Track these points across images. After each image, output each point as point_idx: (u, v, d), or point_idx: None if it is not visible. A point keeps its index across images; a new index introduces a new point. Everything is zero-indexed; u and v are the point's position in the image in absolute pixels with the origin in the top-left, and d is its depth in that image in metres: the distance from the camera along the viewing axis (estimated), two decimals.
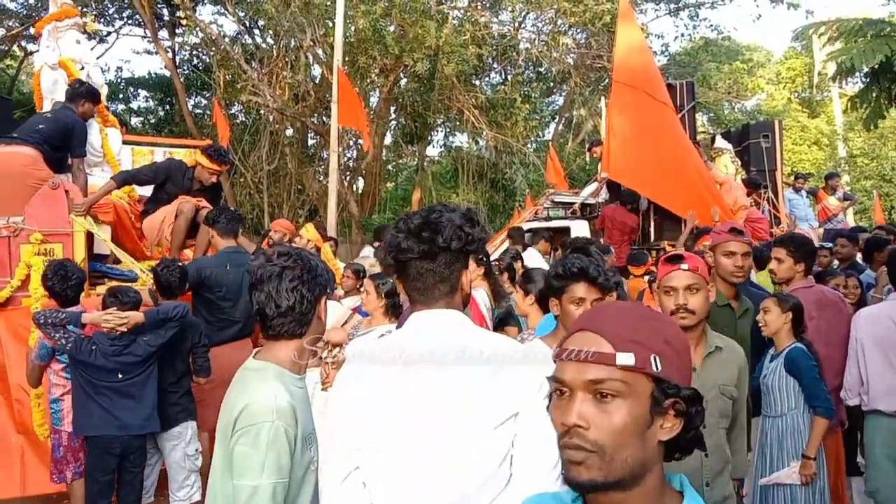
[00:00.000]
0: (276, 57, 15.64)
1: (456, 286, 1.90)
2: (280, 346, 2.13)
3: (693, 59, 23.13)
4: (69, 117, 5.80)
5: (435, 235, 1.82)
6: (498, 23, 16.75)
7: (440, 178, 22.46)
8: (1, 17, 19.27)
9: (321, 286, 2.14)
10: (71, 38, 6.52)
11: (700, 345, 2.79)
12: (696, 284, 2.74)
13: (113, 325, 4.15)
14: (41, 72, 6.38)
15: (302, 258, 2.12)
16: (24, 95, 22.88)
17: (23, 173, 5.49)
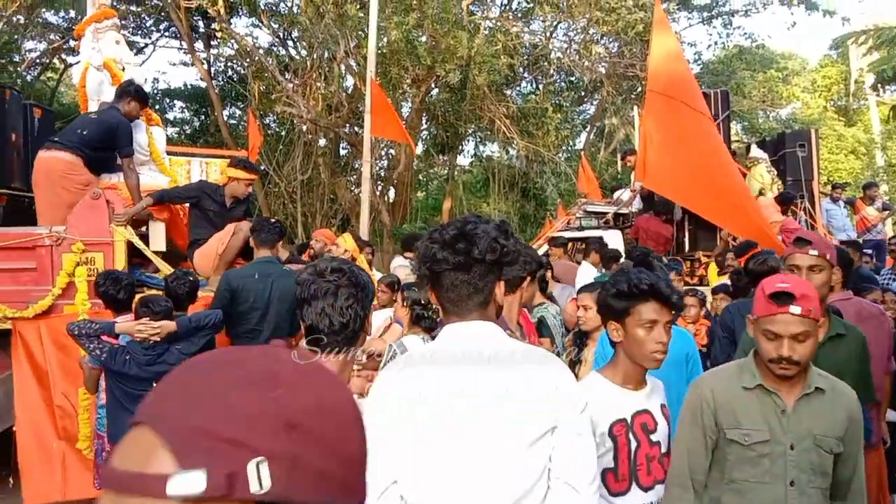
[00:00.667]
0: (310, 68, 15.80)
1: (489, 298, 1.89)
2: (325, 360, 2.12)
3: (727, 67, 22.92)
4: (113, 117, 5.84)
5: (470, 247, 1.82)
6: (529, 32, 16.75)
7: (471, 188, 22.47)
8: (43, 30, 19.68)
9: (371, 302, 2.16)
10: (111, 38, 6.58)
11: (796, 384, 2.35)
12: (807, 332, 2.24)
13: (146, 334, 4.17)
14: (86, 73, 6.40)
15: (354, 274, 2.12)
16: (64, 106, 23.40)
17: (61, 178, 5.58)
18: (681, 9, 20.22)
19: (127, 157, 5.81)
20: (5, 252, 5.56)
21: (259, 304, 4.97)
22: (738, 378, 2.40)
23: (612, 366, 2.48)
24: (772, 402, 2.34)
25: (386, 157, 18.59)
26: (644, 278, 2.35)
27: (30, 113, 7.01)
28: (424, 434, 1.78)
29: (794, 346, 2.25)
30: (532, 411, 1.74)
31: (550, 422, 1.74)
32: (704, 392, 2.41)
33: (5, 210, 6.51)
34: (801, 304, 2.22)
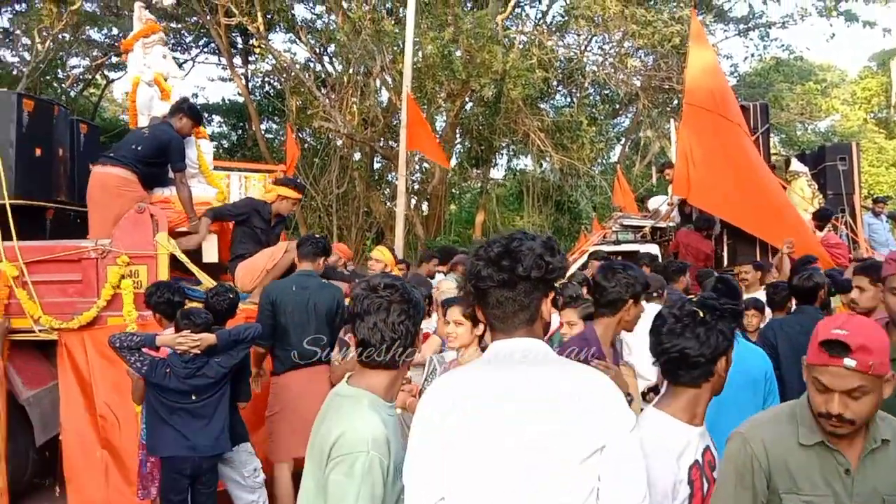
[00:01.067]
0: (346, 83, 15.97)
1: (535, 315, 1.88)
2: (375, 374, 2.13)
3: (764, 79, 22.67)
4: (165, 133, 5.96)
5: (515, 264, 1.81)
6: (564, 46, 16.75)
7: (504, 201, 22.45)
8: (87, 47, 20.17)
9: (421, 318, 2.17)
10: (158, 53, 6.71)
11: (858, 437, 2.04)
12: (864, 387, 1.92)
13: (186, 347, 4.21)
14: (137, 88, 6.54)
15: (406, 290, 2.13)
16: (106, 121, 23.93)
17: (116, 193, 5.72)
18: (717, 21, 20.06)
19: (179, 172, 5.94)
20: (52, 264, 5.71)
21: (296, 317, 5.00)
22: (792, 432, 2.08)
23: (674, 400, 2.24)
24: (833, 460, 2.03)
25: (420, 170, 18.67)
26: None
27: (76, 129, 7.16)
28: (472, 452, 1.78)
29: (846, 402, 1.94)
30: (580, 430, 1.72)
31: (599, 441, 1.72)
32: (755, 448, 2.07)
33: (52, 223, 6.65)
34: (857, 356, 1.90)
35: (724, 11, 20.45)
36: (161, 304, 4.70)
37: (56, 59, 19.01)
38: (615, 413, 1.76)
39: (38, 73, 17.48)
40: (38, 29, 16.58)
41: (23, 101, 6.18)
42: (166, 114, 6.29)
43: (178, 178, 5.94)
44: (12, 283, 5.60)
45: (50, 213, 6.62)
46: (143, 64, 6.58)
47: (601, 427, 1.73)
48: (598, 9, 14.11)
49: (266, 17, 15.55)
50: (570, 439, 1.71)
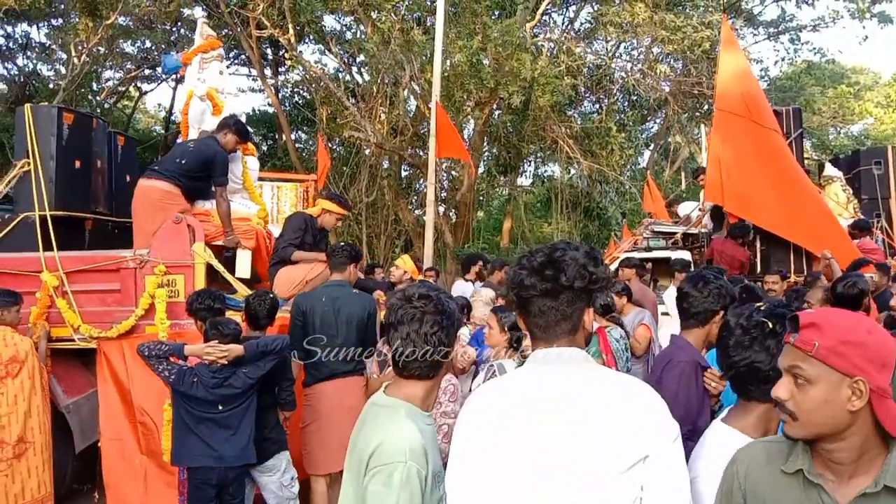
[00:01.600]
0: (375, 93, 16.09)
1: (578, 325, 1.88)
2: (411, 384, 2.13)
3: (795, 83, 22.44)
4: (210, 147, 6.04)
5: (558, 274, 1.81)
6: (592, 52, 16.72)
7: (531, 208, 22.43)
8: (121, 60, 20.55)
9: (456, 329, 2.15)
10: (215, 69, 6.80)
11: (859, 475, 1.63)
12: (801, 370, 1.62)
13: (214, 357, 4.22)
14: (190, 102, 6.65)
15: (441, 302, 2.13)
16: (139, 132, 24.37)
17: (160, 206, 5.81)
18: (746, 26, 19.90)
19: (220, 186, 5.98)
20: (91, 274, 5.81)
21: (326, 328, 4.96)
22: (779, 454, 1.74)
23: (744, 416, 2.09)
24: (816, 497, 1.64)
25: (448, 178, 18.73)
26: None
27: (114, 141, 7.31)
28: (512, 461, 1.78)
29: (791, 388, 1.65)
30: (622, 439, 1.71)
31: (642, 451, 1.71)
32: (738, 468, 1.80)
33: (90, 234, 6.78)
34: (803, 333, 1.63)
35: (753, 15, 20.29)
36: (202, 311, 4.74)
37: (91, 72, 19.38)
38: (658, 422, 1.75)
39: (74, 86, 17.83)
40: (75, 43, 16.93)
41: (63, 114, 6.31)
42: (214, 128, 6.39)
43: (219, 192, 5.99)
44: (53, 293, 5.71)
45: (89, 223, 6.75)
46: (197, 78, 6.69)
47: (644, 436, 1.72)
48: (627, 15, 14.08)
49: (296, 28, 15.72)
50: (612, 448, 1.71)
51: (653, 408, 1.78)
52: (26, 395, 5.25)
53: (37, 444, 5.30)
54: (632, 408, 1.75)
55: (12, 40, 20.62)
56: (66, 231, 6.20)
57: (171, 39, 20.01)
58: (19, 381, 5.22)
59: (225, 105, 6.64)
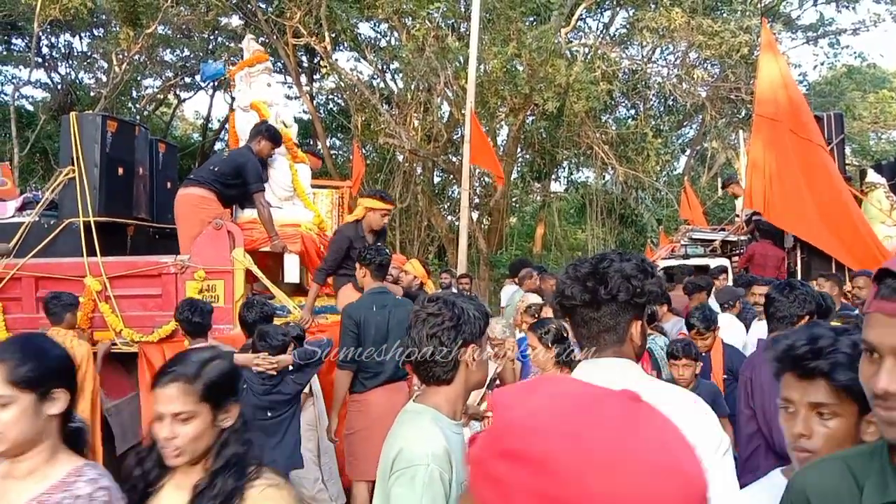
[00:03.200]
0: (410, 100, 16.16)
1: (624, 337, 1.84)
2: (433, 390, 2.13)
3: (835, 88, 22.06)
4: (242, 155, 6.17)
5: (599, 286, 1.78)
6: (628, 58, 16.61)
7: (565, 214, 22.32)
8: (161, 68, 20.92)
9: (468, 333, 2.09)
10: (262, 81, 6.95)
11: None
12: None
13: (263, 368, 4.25)
14: (235, 114, 6.81)
15: (449, 305, 2.10)
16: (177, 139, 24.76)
17: (196, 212, 5.92)
18: (785, 30, 19.62)
19: (256, 193, 6.05)
20: (133, 279, 5.92)
21: (379, 336, 4.96)
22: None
23: None
24: None
25: (481, 184, 18.72)
26: None
27: (155, 148, 7.44)
28: None
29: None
30: None
31: None
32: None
33: (132, 240, 6.90)
34: None
35: (792, 20, 20.01)
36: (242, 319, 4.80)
37: (131, 81, 19.76)
38: (707, 435, 1.72)
39: (115, 94, 18.19)
40: (115, 52, 17.27)
41: (107, 122, 6.43)
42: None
43: (256, 199, 6.06)
44: (96, 298, 5.82)
45: (131, 229, 6.86)
46: (239, 91, 6.89)
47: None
48: (663, 20, 13.96)
49: (332, 36, 15.86)
50: None
51: (702, 420, 1.75)
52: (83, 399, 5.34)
53: None
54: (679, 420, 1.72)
55: (56, 50, 21.15)
56: (109, 237, 6.30)
57: (209, 48, 20.33)
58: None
59: (272, 116, 6.74)
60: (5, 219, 6.40)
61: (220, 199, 6.02)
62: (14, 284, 5.90)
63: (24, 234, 6.10)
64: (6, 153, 17.09)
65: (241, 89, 6.90)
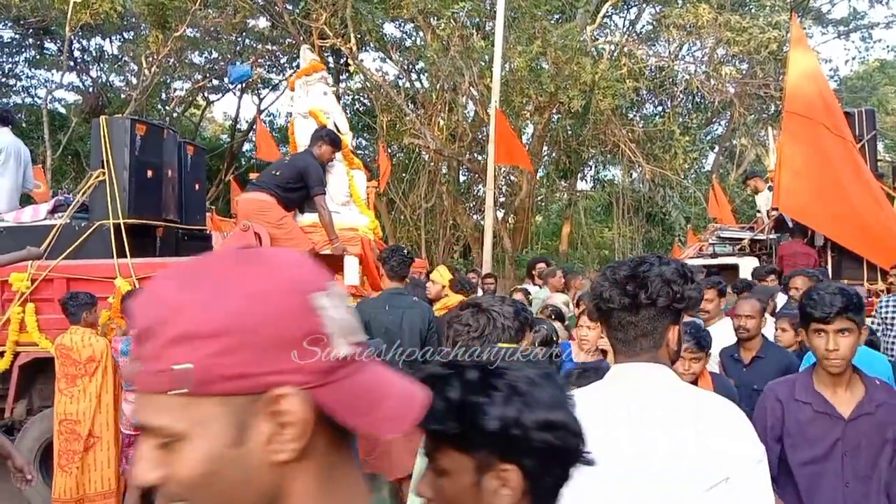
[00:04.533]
0: (435, 100, 16.17)
1: (660, 342, 1.82)
2: None
3: (867, 83, 21.71)
4: (303, 160, 6.31)
5: (639, 290, 1.77)
6: (655, 55, 16.47)
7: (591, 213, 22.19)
8: (189, 70, 21.16)
9: (495, 341, 2.06)
10: (318, 90, 7.12)
11: None
12: None
13: None
14: (294, 122, 6.98)
15: (478, 311, 2.08)
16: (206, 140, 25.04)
17: (257, 216, 6.07)
18: (815, 24, 19.34)
19: (318, 196, 6.18)
20: None
21: (390, 336, 4.95)
22: None
23: None
24: None
25: (506, 183, 18.69)
26: None
27: (183, 150, 7.50)
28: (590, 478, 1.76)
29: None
30: (704, 459, 1.68)
31: (724, 472, 1.67)
32: None
33: (161, 241, 6.98)
34: None
35: (822, 14, 19.71)
36: None
37: (160, 83, 20.01)
38: (742, 443, 1.71)
39: (145, 97, 18.43)
40: (145, 55, 17.50)
41: (136, 126, 6.51)
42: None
43: (317, 201, 6.19)
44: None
45: (160, 231, 6.94)
46: (298, 97, 7.05)
47: (727, 457, 1.68)
48: (691, 17, 13.82)
49: (357, 36, 15.93)
50: (692, 467, 1.67)
51: (736, 428, 1.74)
52: (98, 392, 5.44)
53: (104, 440, 5.48)
54: (714, 427, 1.71)
55: (87, 53, 21.49)
56: (139, 239, 6.38)
57: (237, 50, 20.52)
58: (96, 379, 5.42)
59: (329, 123, 6.91)
60: (38, 221, 6.51)
61: (280, 203, 6.14)
62: (46, 286, 5.99)
63: (56, 236, 6.19)
64: (39, 156, 17.39)
65: (300, 97, 7.07)
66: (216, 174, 20.89)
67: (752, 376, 3.99)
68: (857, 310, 2.48)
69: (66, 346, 5.32)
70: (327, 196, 6.45)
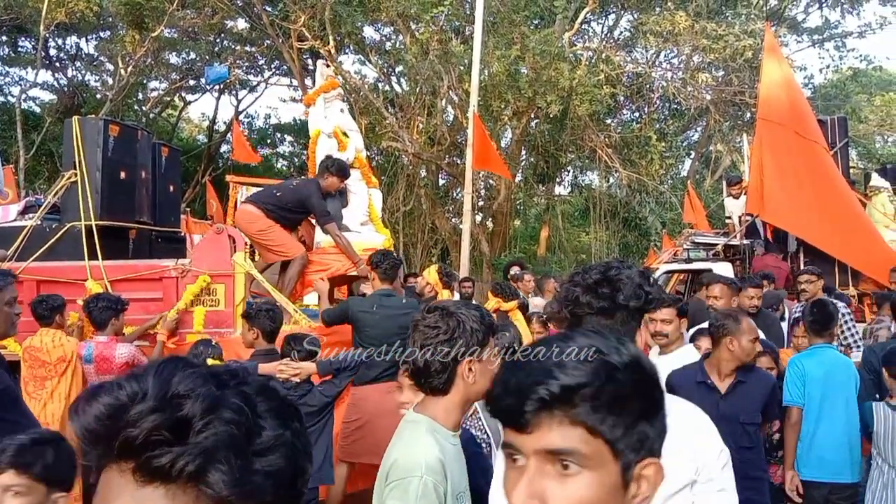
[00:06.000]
0: (413, 103, 16.17)
1: None
2: (432, 400, 2.10)
3: (840, 90, 22.00)
4: (307, 189, 6.37)
5: (615, 293, 1.79)
6: (632, 61, 16.60)
7: (569, 217, 22.30)
8: (167, 70, 21.00)
9: (463, 345, 2.05)
10: (336, 107, 7.17)
11: None
12: None
13: (287, 375, 4.18)
14: (317, 140, 7.01)
15: (446, 315, 2.08)
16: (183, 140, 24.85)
17: (245, 227, 6.22)
18: (790, 33, 19.58)
19: (328, 225, 6.25)
20: (135, 283, 5.93)
21: (376, 336, 5.07)
22: None
23: None
24: None
25: (485, 187, 18.72)
26: None
27: (157, 152, 7.44)
28: None
29: None
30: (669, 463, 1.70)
31: (689, 476, 1.69)
32: None
33: (134, 243, 6.92)
34: None
35: (797, 23, 19.97)
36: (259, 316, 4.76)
37: (137, 83, 19.84)
38: (706, 448, 1.74)
39: (121, 97, 18.26)
40: (122, 55, 17.35)
41: (109, 126, 6.45)
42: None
43: (329, 231, 6.27)
44: None
45: (133, 233, 6.89)
46: (324, 117, 7.05)
47: (691, 462, 1.70)
48: (668, 24, 13.94)
49: (336, 39, 15.89)
50: None
51: (702, 433, 1.76)
52: (68, 392, 5.36)
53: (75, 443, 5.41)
54: (680, 432, 1.73)
55: (63, 51, 21.24)
56: (111, 241, 6.32)
57: (215, 50, 20.40)
58: (65, 379, 5.35)
59: (349, 141, 6.98)
60: (8, 222, 6.43)
61: (270, 217, 6.20)
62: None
63: (26, 237, 6.11)
64: (12, 155, 17.17)
65: (320, 115, 7.08)
66: (193, 175, 20.74)
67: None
68: None
69: (36, 347, 5.22)
70: (349, 216, 6.66)
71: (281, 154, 26.01)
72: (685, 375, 3.70)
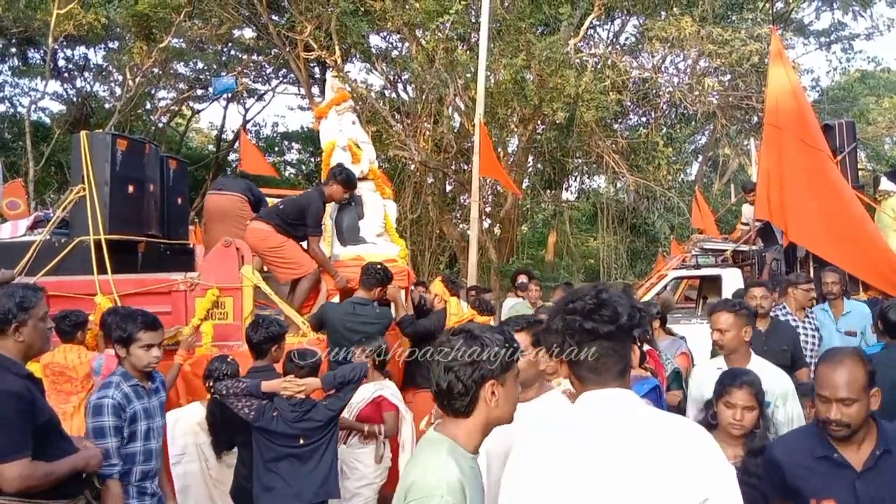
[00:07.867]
0: (420, 111, 16.19)
1: (629, 365, 1.89)
2: (453, 421, 2.11)
3: (848, 93, 21.94)
4: (307, 199, 6.43)
5: (617, 316, 1.82)
6: (638, 67, 16.59)
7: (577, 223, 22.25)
8: (175, 80, 21.09)
9: (486, 370, 2.06)
10: (348, 119, 7.20)
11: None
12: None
13: (291, 391, 4.18)
14: (332, 152, 7.04)
15: (470, 338, 2.09)
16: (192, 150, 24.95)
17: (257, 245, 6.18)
18: (797, 35, 19.54)
19: (312, 237, 6.31)
20: (144, 297, 5.95)
21: (342, 340, 5.56)
22: None
23: None
24: None
25: (492, 193, 18.72)
26: None
27: (165, 165, 7.48)
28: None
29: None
30: (679, 483, 1.71)
31: (700, 494, 1.70)
32: None
33: (143, 257, 6.95)
34: None
35: (804, 25, 19.92)
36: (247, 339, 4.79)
37: (145, 93, 19.94)
38: (715, 466, 1.74)
39: (129, 107, 18.35)
40: (130, 66, 17.44)
41: (117, 140, 6.49)
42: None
43: (310, 242, 6.32)
44: None
45: (141, 246, 6.92)
46: (338, 130, 7.08)
47: (701, 480, 1.71)
48: (674, 29, 13.92)
49: (343, 48, 15.94)
50: (669, 492, 1.70)
51: (709, 450, 1.77)
52: None
53: None
54: (688, 450, 1.74)
55: (71, 63, 21.38)
56: (120, 254, 6.35)
57: (223, 60, 20.49)
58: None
59: (362, 153, 7.02)
60: (17, 238, 6.47)
61: (281, 233, 6.23)
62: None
63: (36, 252, 6.15)
64: (22, 167, 17.27)
65: (333, 128, 7.11)
66: (202, 185, 20.82)
67: None
68: None
69: (60, 363, 5.24)
70: (365, 228, 6.79)
71: (288, 162, 26.10)
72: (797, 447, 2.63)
